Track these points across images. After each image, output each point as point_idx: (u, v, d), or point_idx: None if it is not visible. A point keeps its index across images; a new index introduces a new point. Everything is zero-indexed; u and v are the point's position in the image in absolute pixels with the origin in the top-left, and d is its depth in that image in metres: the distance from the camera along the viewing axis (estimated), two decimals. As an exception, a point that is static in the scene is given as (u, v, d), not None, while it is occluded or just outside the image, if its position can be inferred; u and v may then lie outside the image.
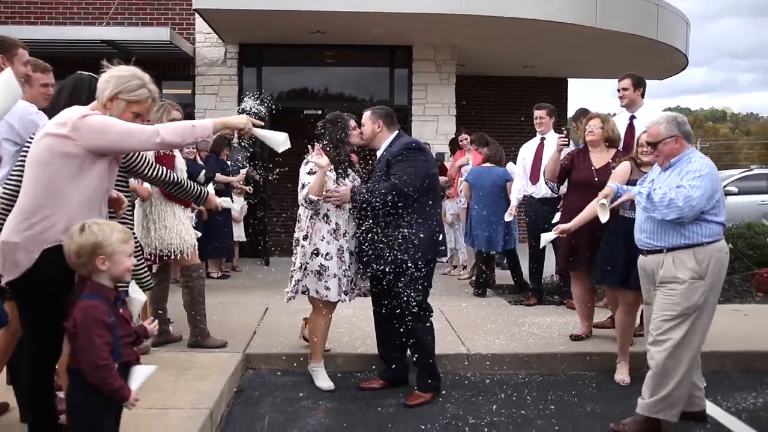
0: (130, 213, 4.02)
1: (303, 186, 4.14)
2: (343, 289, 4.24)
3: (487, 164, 7.30)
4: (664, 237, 3.68)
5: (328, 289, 4.19)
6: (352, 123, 4.32)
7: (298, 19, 8.46)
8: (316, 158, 4.12)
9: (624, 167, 4.61)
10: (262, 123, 3.17)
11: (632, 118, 5.48)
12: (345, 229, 4.21)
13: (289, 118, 10.57)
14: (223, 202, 4.85)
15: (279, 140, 3.20)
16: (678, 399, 3.65)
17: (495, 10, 8.38)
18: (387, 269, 4.06)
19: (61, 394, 2.97)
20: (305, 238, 4.21)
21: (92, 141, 2.69)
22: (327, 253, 4.17)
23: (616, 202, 4.12)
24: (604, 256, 4.65)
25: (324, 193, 4.08)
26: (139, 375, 2.51)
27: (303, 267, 4.20)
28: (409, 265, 4.05)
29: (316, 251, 4.18)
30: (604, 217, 4.02)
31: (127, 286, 2.90)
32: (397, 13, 8.25)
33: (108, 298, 2.48)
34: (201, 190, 4.32)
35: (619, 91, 5.56)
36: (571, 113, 8.71)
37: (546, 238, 4.77)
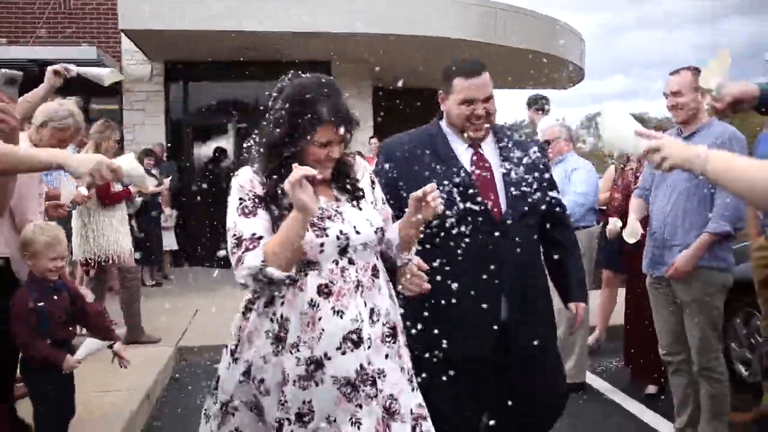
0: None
1: (237, 240, 1.88)
2: None
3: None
4: None
5: None
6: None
7: (221, 39, 8.99)
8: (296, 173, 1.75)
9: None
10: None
11: None
12: (299, 334, 1.88)
13: (215, 133, 11.10)
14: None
15: (103, 73, 3.56)
16: (583, 363, 4.59)
17: (403, 29, 9.13)
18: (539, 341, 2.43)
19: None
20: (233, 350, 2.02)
21: None
22: (261, 379, 1.93)
23: None
24: None
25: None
26: (85, 347, 3.06)
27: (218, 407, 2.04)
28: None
29: (246, 370, 1.97)
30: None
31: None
32: (312, 33, 8.87)
33: (38, 286, 3.00)
34: None
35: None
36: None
37: None
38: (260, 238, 1.86)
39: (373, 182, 2.18)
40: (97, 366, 4.51)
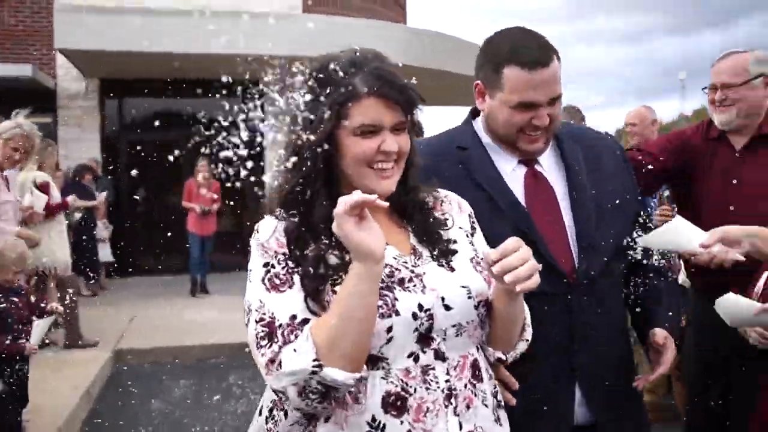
0: None
1: (267, 327, 1.19)
2: None
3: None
4: None
5: None
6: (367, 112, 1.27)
7: (155, 59, 9.35)
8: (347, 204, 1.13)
9: None
10: None
11: None
12: None
13: (150, 148, 11.35)
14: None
15: (38, 330, 3.72)
16: None
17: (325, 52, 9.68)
18: None
19: None
20: None
21: None
22: None
23: None
24: None
25: None
26: (37, 331, 3.53)
27: None
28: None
29: None
30: None
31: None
32: (245, 54, 9.31)
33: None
34: None
35: None
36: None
37: None
38: (305, 322, 1.17)
39: (474, 225, 1.44)
40: (43, 368, 4.92)
